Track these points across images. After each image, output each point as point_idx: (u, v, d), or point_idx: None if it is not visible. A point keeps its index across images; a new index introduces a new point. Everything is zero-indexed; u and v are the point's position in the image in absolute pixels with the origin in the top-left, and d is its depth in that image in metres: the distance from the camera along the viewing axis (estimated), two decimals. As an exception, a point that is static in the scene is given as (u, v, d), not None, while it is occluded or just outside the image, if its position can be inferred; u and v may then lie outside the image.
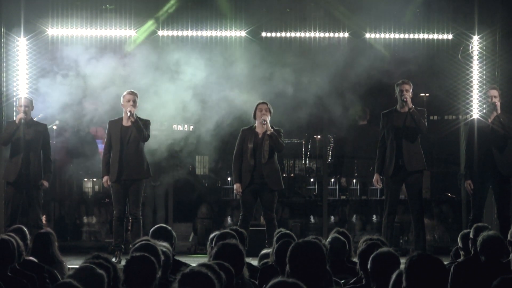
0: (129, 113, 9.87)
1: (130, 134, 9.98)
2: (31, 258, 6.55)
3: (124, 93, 10.05)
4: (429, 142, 11.38)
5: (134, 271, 4.85)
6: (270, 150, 9.90)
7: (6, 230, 8.86)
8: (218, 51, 11.23)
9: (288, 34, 11.33)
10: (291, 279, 4.03)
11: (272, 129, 9.91)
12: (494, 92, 9.96)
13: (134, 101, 9.96)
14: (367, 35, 11.26)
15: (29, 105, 10.18)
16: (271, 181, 9.92)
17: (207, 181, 13.47)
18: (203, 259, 6.77)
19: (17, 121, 10.10)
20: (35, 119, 10.40)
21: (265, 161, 9.90)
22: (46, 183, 10.21)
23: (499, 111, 9.86)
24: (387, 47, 11.24)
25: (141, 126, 9.92)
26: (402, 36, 11.26)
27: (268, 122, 9.87)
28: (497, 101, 9.87)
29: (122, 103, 10.05)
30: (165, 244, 6.10)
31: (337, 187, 13.01)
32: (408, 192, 10.16)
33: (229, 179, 12.61)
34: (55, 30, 11.18)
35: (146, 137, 10.01)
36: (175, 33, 11.30)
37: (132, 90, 10.05)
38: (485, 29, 11.11)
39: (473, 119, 10.60)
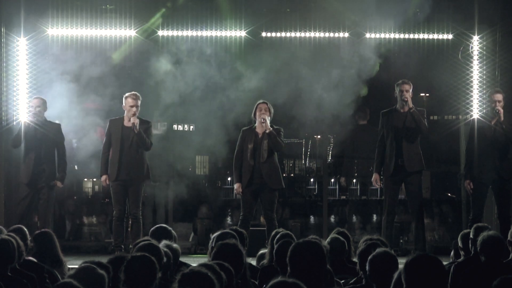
0: (132, 125, 9.84)
1: (133, 136, 9.95)
2: (31, 258, 6.54)
3: (126, 94, 10.02)
4: (429, 142, 11.38)
5: (134, 271, 4.85)
6: (269, 149, 9.90)
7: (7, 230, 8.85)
8: (218, 50, 11.24)
9: (288, 34, 11.33)
10: (291, 279, 4.03)
11: (272, 128, 9.91)
12: (499, 97, 9.90)
13: (137, 106, 9.93)
14: (367, 35, 11.26)
15: (41, 105, 10.18)
16: (271, 180, 9.92)
17: (207, 181, 13.48)
18: (203, 259, 6.78)
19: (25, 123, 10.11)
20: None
21: (264, 161, 9.90)
22: (59, 183, 10.18)
23: (502, 118, 9.81)
24: (387, 47, 11.24)
25: (144, 137, 9.88)
26: (402, 36, 11.25)
27: (268, 121, 9.87)
28: (500, 107, 9.81)
29: (123, 104, 10.03)
30: (175, 245, 6.12)
31: (337, 187, 13.01)
32: (407, 192, 10.17)
33: (229, 179, 12.61)
34: (55, 30, 11.18)
35: (149, 147, 10.01)
36: (175, 33, 11.29)
37: (134, 92, 10.02)
38: (485, 29, 11.10)
39: (473, 119, 10.61)
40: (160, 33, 11.29)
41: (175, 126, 12.12)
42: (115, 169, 9.97)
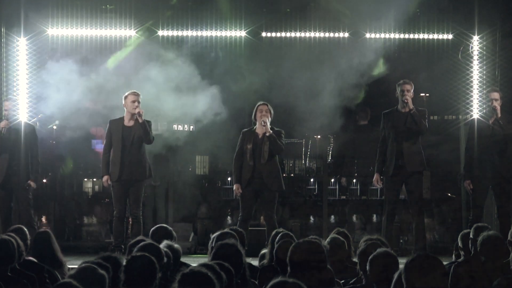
0: (138, 115, 9.86)
1: (134, 135, 9.97)
2: (31, 258, 6.54)
3: (127, 93, 10.03)
4: (430, 142, 11.39)
5: (134, 271, 4.85)
6: (270, 151, 9.89)
7: (4, 230, 8.86)
8: (218, 50, 11.25)
9: (288, 34, 11.33)
10: (291, 279, 4.03)
11: (272, 130, 9.89)
12: (495, 95, 9.95)
13: (139, 102, 9.96)
14: (367, 35, 11.26)
15: (11, 107, 10.20)
16: (271, 182, 9.92)
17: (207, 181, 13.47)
18: (203, 259, 6.78)
19: (0, 128, 10.11)
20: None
21: (264, 162, 9.89)
22: (33, 184, 10.23)
23: (499, 115, 9.86)
24: (387, 47, 11.24)
25: (148, 128, 9.91)
26: (402, 36, 11.26)
27: (268, 123, 9.87)
28: (497, 105, 9.87)
29: (124, 103, 10.04)
30: (176, 245, 6.12)
31: (337, 187, 13.00)
32: (408, 193, 10.17)
33: (229, 179, 12.61)
34: (55, 30, 11.18)
35: (151, 140, 10.03)
36: (175, 33, 11.30)
37: (134, 90, 10.04)
38: (485, 29, 11.11)
39: (473, 119, 10.62)
40: (160, 33, 11.29)
41: (175, 126, 12.12)
42: (117, 169, 9.97)
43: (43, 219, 12.25)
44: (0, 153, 10.15)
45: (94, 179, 13.33)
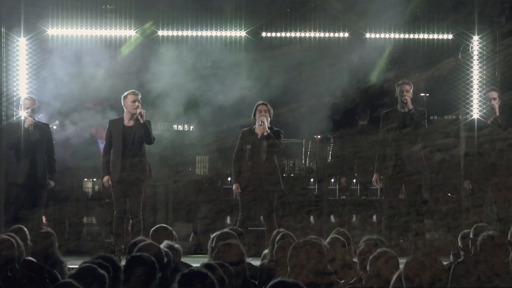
0: (139, 116, 9.84)
1: (134, 135, 9.96)
2: (31, 258, 6.54)
3: (126, 93, 10.01)
4: (428, 142, 11.39)
5: (134, 270, 4.85)
6: (268, 151, 9.89)
7: (6, 230, 8.86)
8: (218, 51, 11.26)
9: (288, 34, 11.33)
10: (291, 279, 4.04)
11: (270, 130, 9.89)
12: (494, 94, 10.01)
13: (139, 102, 9.94)
14: (367, 35, 11.27)
15: (33, 106, 10.22)
16: (269, 182, 9.92)
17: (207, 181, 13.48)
18: (203, 259, 6.78)
19: (26, 126, 10.11)
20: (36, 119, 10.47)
21: (262, 162, 9.90)
22: (52, 183, 10.28)
23: (497, 114, 9.91)
24: (387, 47, 11.25)
25: (149, 129, 9.89)
26: (402, 36, 11.26)
27: (265, 123, 9.86)
28: (495, 103, 9.92)
29: (123, 103, 10.02)
30: (176, 245, 6.12)
31: (337, 187, 13.00)
32: (407, 192, 10.18)
33: (229, 179, 12.61)
34: (55, 30, 11.19)
35: (152, 140, 10.01)
36: (175, 33, 11.30)
37: (134, 90, 10.03)
38: (485, 29, 11.12)
39: (473, 119, 10.63)
40: (160, 33, 11.29)
41: (175, 126, 12.11)
42: (118, 169, 9.95)
43: (43, 219, 12.23)
44: (22, 154, 10.13)
45: (94, 179, 13.32)
